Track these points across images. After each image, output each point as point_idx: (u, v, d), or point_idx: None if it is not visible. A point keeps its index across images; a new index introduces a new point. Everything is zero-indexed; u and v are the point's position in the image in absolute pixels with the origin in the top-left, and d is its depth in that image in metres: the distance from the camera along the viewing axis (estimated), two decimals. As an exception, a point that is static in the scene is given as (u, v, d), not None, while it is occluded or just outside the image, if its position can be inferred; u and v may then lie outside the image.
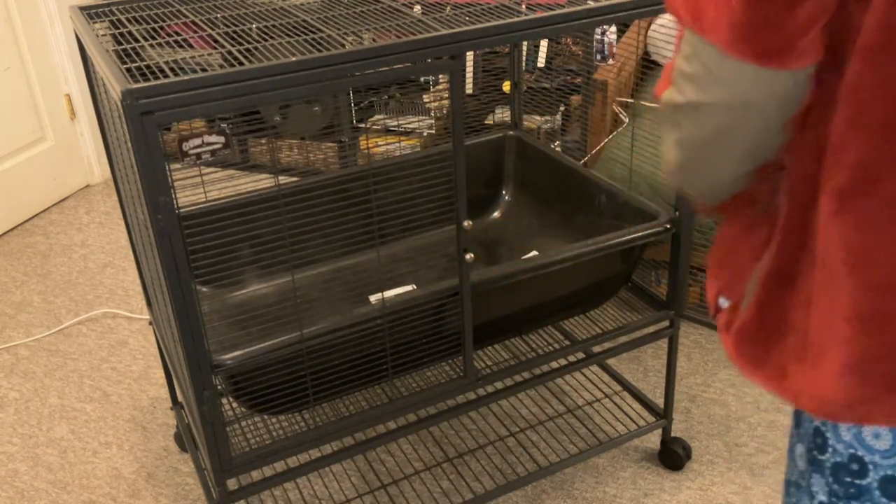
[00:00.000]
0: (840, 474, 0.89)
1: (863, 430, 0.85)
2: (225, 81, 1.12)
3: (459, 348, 1.54)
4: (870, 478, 0.87)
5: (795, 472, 0.96)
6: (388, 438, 1.54)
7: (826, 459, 0.90)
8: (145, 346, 2.44)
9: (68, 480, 1.97)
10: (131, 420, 2.15)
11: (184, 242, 1.18)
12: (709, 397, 2.11)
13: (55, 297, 2.70)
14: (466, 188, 1.37)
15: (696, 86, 0.85)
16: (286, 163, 3.38)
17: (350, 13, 1.48)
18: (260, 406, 1.42)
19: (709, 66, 0.82)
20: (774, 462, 1.90)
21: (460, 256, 1.41)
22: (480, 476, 1.91)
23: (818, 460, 0.91)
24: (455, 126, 1.32)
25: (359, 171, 1.85)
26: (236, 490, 1.42)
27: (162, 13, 1.52)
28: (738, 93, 0.83)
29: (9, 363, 2.40)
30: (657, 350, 2.29)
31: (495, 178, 2.07)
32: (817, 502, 0.92)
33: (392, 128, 3.18)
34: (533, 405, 2.09)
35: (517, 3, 1.48)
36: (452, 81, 1.29)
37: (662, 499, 1.83)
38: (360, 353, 1.46)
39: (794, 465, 0.97)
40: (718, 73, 0.82)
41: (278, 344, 1.35)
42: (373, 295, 1.81)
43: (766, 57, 0.79)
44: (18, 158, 3.16)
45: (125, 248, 2.99)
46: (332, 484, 1.90)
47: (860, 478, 0.87)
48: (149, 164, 1.11)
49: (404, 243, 1.97)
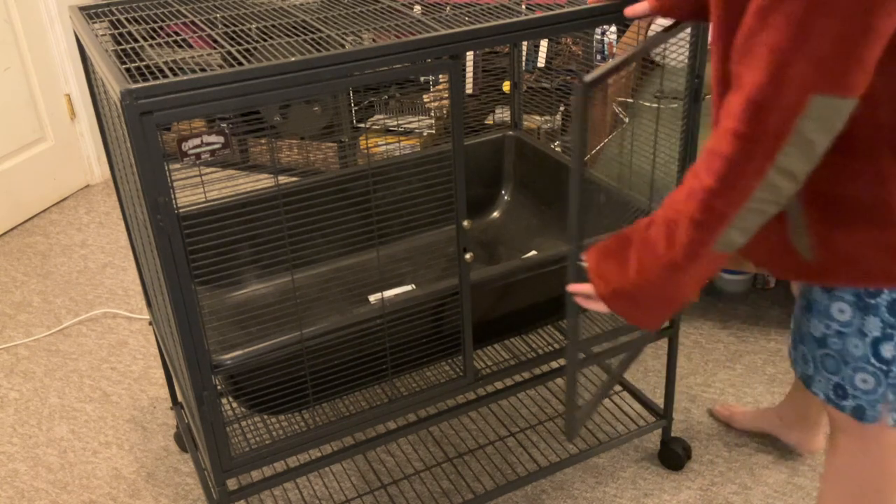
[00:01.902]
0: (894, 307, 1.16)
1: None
2: (224, 81, 1.12)
3: (459, 348, 1.54)
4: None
5: (834, 326, 1.21)
6: (388, 438, 1.54)
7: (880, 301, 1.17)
8: (145, 346, 2.44)
9: (68, 480, 1.97)
10: (131, 420, 2.15)
11: (183, 242, 1.18)
12: (709, 397, 2.11)
13: (55, 297, 2.70)
14: (466, 188, 1.37)
15: (813, 148, 1.01)
16: (286, 163, 3.38)
17: (350, 13, 1.48)
18: (260, 406, 1.42)
19: (833, 122, 0.99)
20: (774, 462, 1.90)
21: (460, 256, 1.41)
22: (480, 476, 1.91)
23: (869, 304, 1.17)
24: (455, 126, 1.32)
25: (358, 171, 1.85)
26: (236, 490, 1.42)
27: (162, 13, 1.52)
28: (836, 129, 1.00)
29: (9, 363, 2.40)
30: (657, 350, 2.29)
31: (495, 178, 2.07)
32: (871, 338, 1.18)
33: (392, 128, 3.18)
34: (533, 405, 2.09)
35: (517, 3, 1.48)
36: (452, 81, 1.28)
37: (662, 499, 1.83)
38: (360, 353, 1.46)
39: (829, 321, 1.22)
40: (837, 122, 0.99)
41: (278, 344, 1.35)
42: (372, 295, 1.81)
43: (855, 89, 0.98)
44: (18, 158, 3.16)
45: (125, 248, 2.99)
46: (332, 484, 1.90)
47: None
48: (148, 164, 1.11)
49: (404, 243, 1.97)
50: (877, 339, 1.18)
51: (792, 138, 0.98)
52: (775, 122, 0.98)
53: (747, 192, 1.02)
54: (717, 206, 1.04)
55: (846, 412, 1.25)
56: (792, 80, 0.96)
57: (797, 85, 0.96)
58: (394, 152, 3.11)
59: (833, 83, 0.95)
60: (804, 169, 1.01)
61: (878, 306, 1.16)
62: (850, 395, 1.24)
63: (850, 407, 1.24)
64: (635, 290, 1.15)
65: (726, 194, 1.03)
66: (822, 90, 0.95)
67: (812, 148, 0.99)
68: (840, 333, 1.21)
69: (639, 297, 1.16)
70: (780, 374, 2.17)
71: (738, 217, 1.04)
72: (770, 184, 1.02)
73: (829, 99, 0.96)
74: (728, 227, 1.06)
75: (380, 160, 1.91)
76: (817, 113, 0.97)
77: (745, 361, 2.22)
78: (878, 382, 1.20)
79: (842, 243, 1.12)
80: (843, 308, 1.19)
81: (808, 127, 0.97)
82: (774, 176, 1.01)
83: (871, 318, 1.17)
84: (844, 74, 0.95)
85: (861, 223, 1.10)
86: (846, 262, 1.13)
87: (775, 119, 0.98)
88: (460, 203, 1.38)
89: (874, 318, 1.17)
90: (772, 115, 0.98)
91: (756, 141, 1.00)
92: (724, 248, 1.08)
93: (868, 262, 1.12)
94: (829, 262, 1.15)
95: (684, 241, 1.08)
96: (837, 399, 1.25)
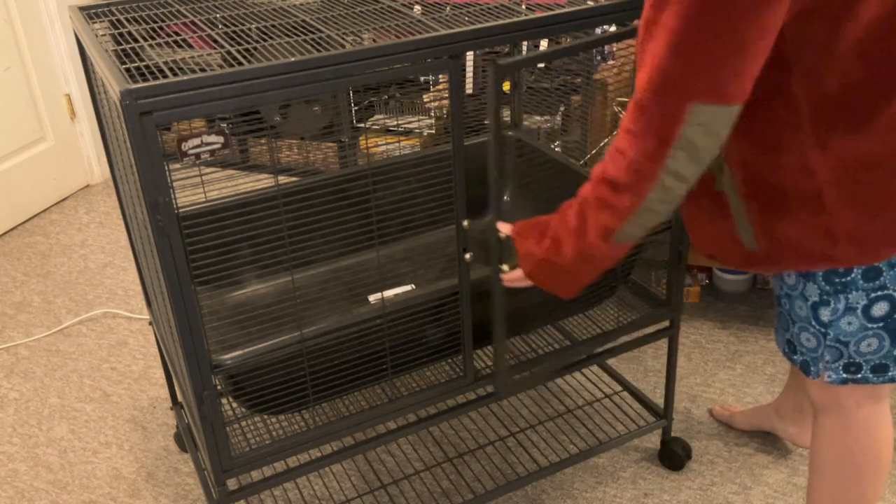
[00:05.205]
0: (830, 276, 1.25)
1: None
2: (224, 81, 1.12)
3: (459, 348, 1.54)
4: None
5: (784, 289, 1.33)
6: (388, 438, 1.54)
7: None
8: (145, 346, 2.44)
9: (68, 480, 1.97)
10: (131, 420, 2.15)
11: (183, 242, 1.18)
12: (709, 397, 2.11)
13: (55, 297, 2.70)
14: (466, 188, 1.37)
15: (699, 152, 1.08)
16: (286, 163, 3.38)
17: (350, 13, 1.48)
18: (260, 406, 1.42)
19: (716, 128, 1.06)
20: (774, 462, 1.90)
21: (460, 256, 1.41)
22: (480, 476, 1.91)
23: (808, 272, 1.27)
24: (455, 126, 1.32)
25: (358, 171, 1.85)
26: (236, 490, 1.42)
27: (162, 13, 1.52)
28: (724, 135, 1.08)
29: (9, 363, 2.40)
30: (657, 350, 2.29)
31: (495, 177, 2.07)
32: (811, 302, 1.28)
33: (392, 128, 3.18)
34: (533, 405, 2.09)
35: (517, 3, 1.48)
36: (452, 81, 1.28)
37: (662, 499, 1.83)
38: (360, 353, 1.46)
39: (781, 283, 1.33)
40: (720, 128, 1.07)
41: (278, 344, 1.35)
42: (372, 295, 1.81)
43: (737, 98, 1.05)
44: (18, 158, 3.16)
45: (125, 248, 2.99)
46: (332, 484, 1.90)
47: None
48: (148, 164, 1.11)
49: (404, 243, 1.97)
50: (815, 303, 1.28)
51: (678, 143, 1.06)
52: (657, 125, 1.06)
53: (643, 192, 1.12)
54: (617, 203, 1.15)
55: (797, 365, 1.38)
56: (669, 88, 1.04)
57: (676, 94, 1.04)
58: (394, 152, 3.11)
59: (710, 92, 1.03)
60: (693, 171, 1.10)
61: (816, 274, 1.26)
62: (797, 350, 1.37)
63: (799, 361, 1.37)
64: (549, 264, 1.26)
65: (626, 191, 1.13)
66: (700, 99, 1.03)
67: (698, 152, 1.07)
68: (788, 296, 1.32)
69: (553, 271, 1.27)
70: (780, 374, 2.17)
71: (634, 215, 1.14)
72: (662, 185, 1.10)
73: (708, 107, 1.04)
74: (624, 224, 1.16)
75: (380, 160, 1.90)
76: (698, 119, 1.04)
77: (745, 361, 2.22)
78: (818, 343, 1.31)
79: (782, 232, 1.21)
80: (790, 272, 1.30)
81: (692, 133, 1.05)
82: (665, 178, 1.10)
83: (811, 285, 1.28)
84: (722, 84, 1.02)
85: (797, 212, 1.18)
86: (788, 248, 1.22)
87: (657, 122, 1.06)
88: (460, 203, 1.38)
89: (812, 285, 1.27)
90: (654, 117, 1.06)
91: (644, 141, 1.08)
92: (622, 240, 1.19)
93: (807, 247, 1.20)
94: (772, 250, 1.24)
95: (593, 225, 1.19)
96: (790, 353, 1.39)
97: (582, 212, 1.20)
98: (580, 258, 1.23)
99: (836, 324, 1.27)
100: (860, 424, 1.37)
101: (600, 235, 1.19)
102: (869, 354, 1.29)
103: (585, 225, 1.20)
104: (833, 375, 1.32)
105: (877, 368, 1.30)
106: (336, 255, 1.90)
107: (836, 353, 1.30)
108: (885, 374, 1.30)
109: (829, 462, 1.41)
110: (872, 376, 1.31)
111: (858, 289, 1.24)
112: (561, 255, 1.24)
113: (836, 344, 1.29)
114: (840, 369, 1.31)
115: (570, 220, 1.22)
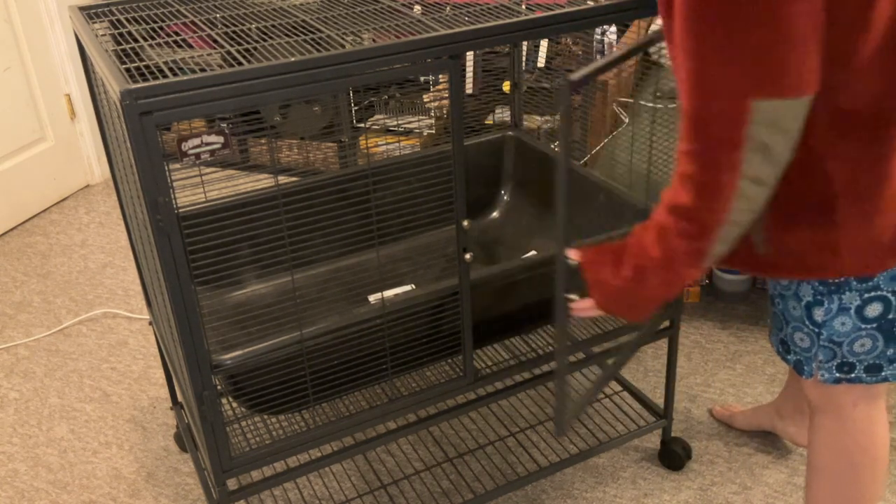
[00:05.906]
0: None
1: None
2: (224, 81, 1.12)
3: (459, 348, 1.54)
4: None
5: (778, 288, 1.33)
6: (388, 438, 1.54)
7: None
8: (145, 346, 2.44)
9: (68, 480, 1.97)
10: (131, 420, 2.15)
11: (183, 242, 1.18)
12: (709, 397, 2.11)
13: (55, 297, 2.70)
14: (466, 188, 1.37)
15: (772, 152, 1.04)
16: (286, 163, 3.38)
17: (350, 13, 1.48)
18: (260, 406, 1.42)
19: (783, 124, 1.02)
20: (774, 462, 1.90)
21: (460, 256, 1.41)
22: (480, 476, 1.91)
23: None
24: (455, 126, 1.32)
25: (358, 171, 1.85)
26: (236, 490, 1.42)
27: (162, 13, 1.52)
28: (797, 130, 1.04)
29: (9, 363, 2.40)
30: (657, 350, 2.29)
31: (495, 178, 2.07)
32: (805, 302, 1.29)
33: (392, 128, 3.18)
34: (533, 405, 2.09)
35: (517, 3, 1.48)
36: (452, 81, 1.28)
37: (662, 499, 1.83)
38: (360, 353, 1.46)
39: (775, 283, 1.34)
40: (788, 123, 1.02)
41: (278, 344, 1.35)
42: (372, 295, 1.81)
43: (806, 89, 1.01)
44: (18, 158, 3.16)
45: (125, 248, 2.99)
46: (332, 484, 1.90)
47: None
48: (148, 164, 1.11)
49: (403, 243, 1.97)
50: (809, 303, 1.28)
51: (747, 145, 1.02)
52: (719, 132, 1.02)
53: (725, 208, 1.08)
54: (698, 232, 1.11)
55: (790, 365, 1.38)
56: (719, 90, 1.00)
57: (728, 94, 1.00)
58: (394, 152, 3.11)
59: (769, 87, 0.99)
60: (771, 173, 1.06)
61: None
62: (791, 350, 1.37)
63: (792, 361, 1.38)
64: (629, 293, 1.22)
65: (708, 213, 1.09)
66: (759, 95, 0.99)
67: (770, 152, 1.03)
68: (782, 296, 1.33)
69: (632, 299, 1.23)
70: (780, 374, 2.17)
71: (720, 234, 1.11)
72: (743, 194, 1.06)
73: (771, 102, 1.00)
74: (712, 245, 1.12)
75: (380, 160, 1.90)
76: (762, 117, 1.01)
77: (745, 361, 2.22)
78: (812, 342, 1.31)
79: (788, 241, 1.21)
80: None
81: (759, 132, 1.02)
82: (744, 185, 1.05)
83: (804, 285, 1.28)
84: (779, 77, 0.99)
85: (805, 223, 1.19)
86: (790, 257, 1.23)
87: (718, 129, 1.02)
88: (460, 203, 1.38)
89: (806, 285, 1.28)
90: (712, 126, 1.02)
91: (711, 154, 1.04)
92: (711, 262, 1.17)
93: (808, 258, 1.21)
94: (776, 256, 1.24)
95: (681, 256, 1.15)
96: (784, 352, 1.39)
97: (664, 242, 1.15)
98: (666, 286, 1.19)
99: (829, 324, 1.28)
100: (857, 424, 1.37)
101: (689, 264, 1.15)
102: (862, 354, 1.30)
103: (671, 255, 1.15)
104: (826, 375, 1.33)
105: (870, 368, 1.31)
106: (336, 256, 1.90)
107: (829, 352, 1.31)
108: (878, 374, 1.31)
109: (826, 462, 1.42)
110: (866, 376, 1.31)
111: (852, 289, 1.24)
112: (646, 285, 1.20)
113: (830, 344, 1.30)
114: (833, 369, 1.32)
115: (650, 250, 1.17)
